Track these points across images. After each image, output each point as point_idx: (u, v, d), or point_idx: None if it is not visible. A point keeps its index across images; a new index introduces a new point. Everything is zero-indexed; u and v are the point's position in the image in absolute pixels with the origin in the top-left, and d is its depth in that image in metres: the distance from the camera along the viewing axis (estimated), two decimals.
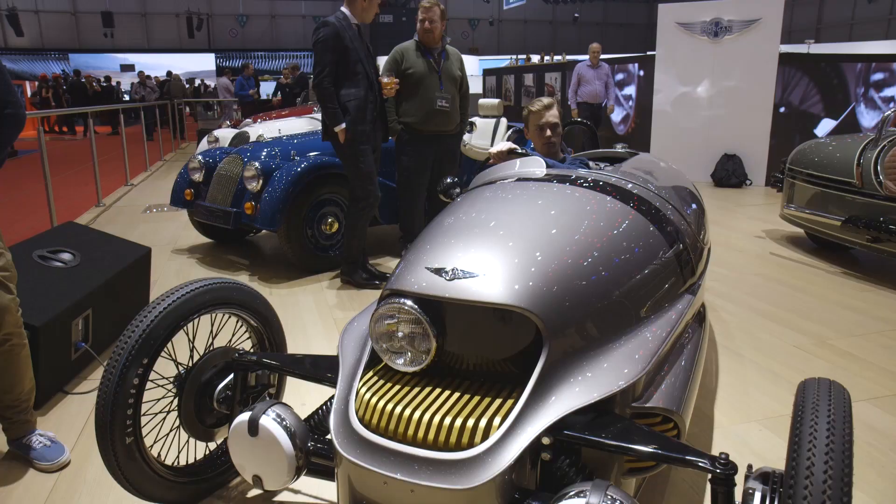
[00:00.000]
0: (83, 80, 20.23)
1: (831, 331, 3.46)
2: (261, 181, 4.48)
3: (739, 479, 1.35)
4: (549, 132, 2.90)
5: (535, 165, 2.52)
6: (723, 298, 4.02)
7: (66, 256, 3.22)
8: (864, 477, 2.17)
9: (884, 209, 4.23)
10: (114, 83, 23.94)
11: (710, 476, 1.36)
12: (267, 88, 17.78)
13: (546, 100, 2.93)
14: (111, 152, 11.13)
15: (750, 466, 1.41)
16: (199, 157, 5.14)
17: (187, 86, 20.35)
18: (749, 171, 8.51)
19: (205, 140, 7.44)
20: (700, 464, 1.37)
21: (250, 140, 6.48)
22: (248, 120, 8.43)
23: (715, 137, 8.68)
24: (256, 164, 4.53)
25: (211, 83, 25.34)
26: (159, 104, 13.98)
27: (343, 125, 3.95)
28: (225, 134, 7.22)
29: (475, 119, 6.64)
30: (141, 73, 18.97)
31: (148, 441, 1.92)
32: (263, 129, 6.73)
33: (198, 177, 5.04)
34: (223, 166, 4.89)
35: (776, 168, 5.87)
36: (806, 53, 10.70)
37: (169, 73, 20.29)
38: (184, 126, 16.17)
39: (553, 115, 2.89)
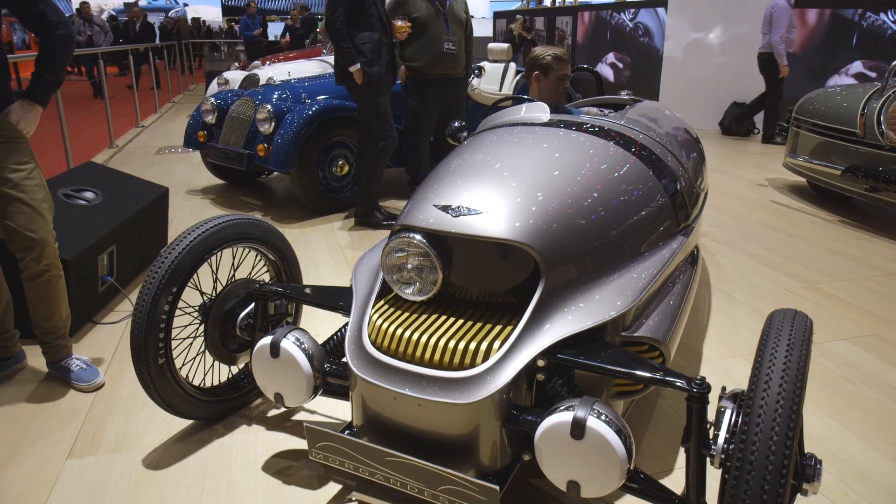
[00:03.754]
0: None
1: (822, 275, 3.60)
2: (273, 123, 4.57)
3: (715, 400, 1.50)
4: (567, 83, 2.96)
5: (541, 111, 2.61)
6: (720, 243, 4.15)
7: (88, 195, 3.37)
8: (835, 406, 2.34)
9: (884, 159, 4.30)
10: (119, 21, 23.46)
11: (686, 395, 1.51)
12: (275, 29, 17.51)
13: (563, 51, 2.95)
14: (119, 94, 11.16)
15: (724, 388, 1.56)
16: (212, 99, 5.21)
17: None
18: (757, 120, 8.49)
19: (214, 82, 7.46)
20: (678, 384, 1.52)
21: (260, 83, 6.52)
22: (257, 62, 8.42)
23: (725, 85, 8.63)
24: (268, 106, 4.61)
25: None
26: (167, 45, 13.84)
27: (358, 65, 4.01)
28: (235, 76, 7.25)
29: (484, 63, 6.64)
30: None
31: (177, 363, 2.09)
32: (273, 72, 6.75)
33: (210, 119, 5.13)
34: (235, 108, 4.98)
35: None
36: None
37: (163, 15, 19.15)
38: (199, 65, 15.98)
39: (568, 68, 2.95)
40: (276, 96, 4.83)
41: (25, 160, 2.32)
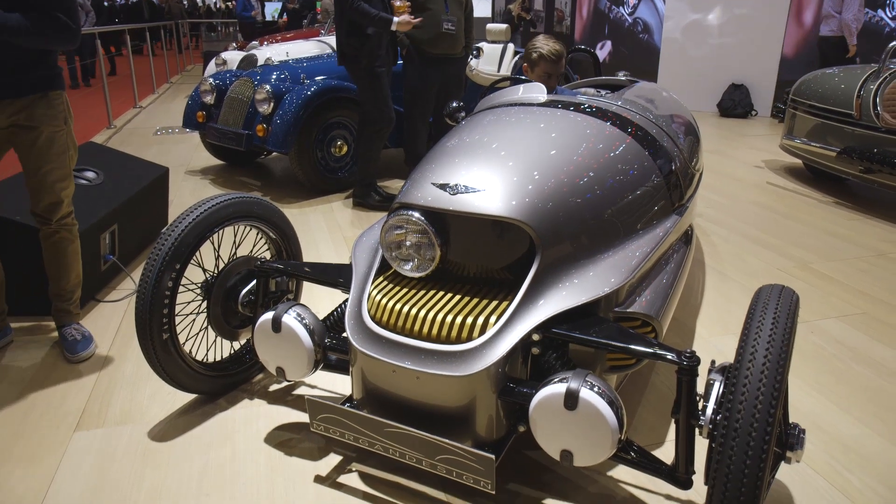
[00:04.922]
0: None
1: (815, 255, 3.65)
2: (272, 104, 4.58)
3: (705, 374, 1.55)
4: (553, 80, 2.98)
5: (538, 91, 2.64)
6: (716, 224, 4.19)
7: (90, 175, 3.40)
8: (823, 382, 2.40)
9: (879, 141, 4.33)
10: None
11: (676, 368, 1.55)
12: (271, 9, 17.31)
13: (559, 47, 2.94)
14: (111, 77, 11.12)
15: (713, 362, 1.61)
16: (211, 79, 5.21)
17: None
18: (755, 102, 8.50)
19: (212, 62, 7.45)
20: (668, 357, 1.56)
21: (258, 63, 6.51)
22: (254, 42, 8.39)
23: (723, 67, 8.62)
24: (267, 86, 4.62)
25: None
26: (163, 25, 13.73)
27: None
28: (233, 56, 7.24)
29: (482, 44, 6.64)
30: None
31: (180, 339, 2.14)
32: (271, 52, 6.74)
33: (209, 99, 5.14)
34: (234, 89, 4.98)
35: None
36: None
37: None
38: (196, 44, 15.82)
39: (562, 66, 2.95)
40: (274, 77, 4.84)
41: (62, 151, 2.41)
